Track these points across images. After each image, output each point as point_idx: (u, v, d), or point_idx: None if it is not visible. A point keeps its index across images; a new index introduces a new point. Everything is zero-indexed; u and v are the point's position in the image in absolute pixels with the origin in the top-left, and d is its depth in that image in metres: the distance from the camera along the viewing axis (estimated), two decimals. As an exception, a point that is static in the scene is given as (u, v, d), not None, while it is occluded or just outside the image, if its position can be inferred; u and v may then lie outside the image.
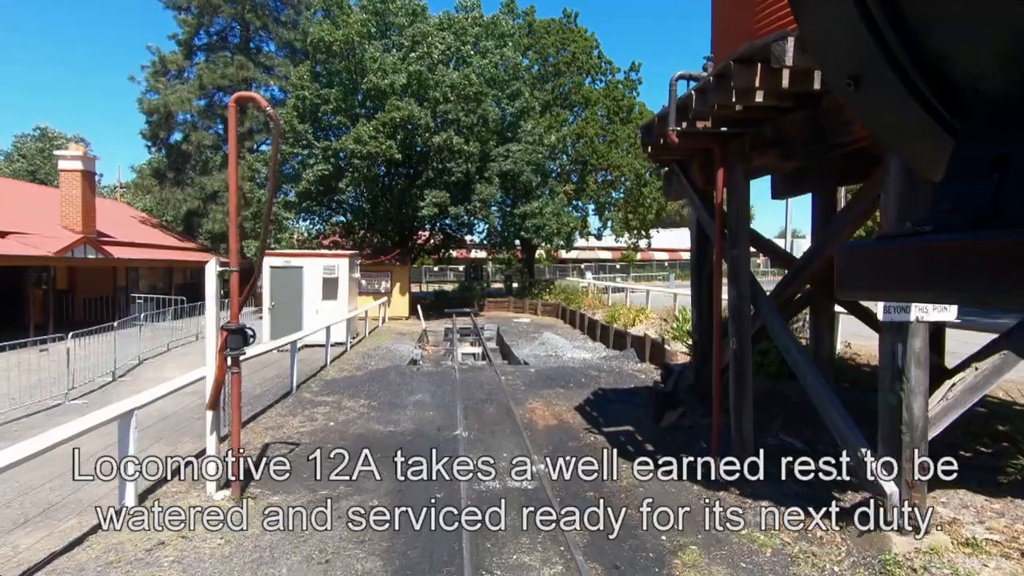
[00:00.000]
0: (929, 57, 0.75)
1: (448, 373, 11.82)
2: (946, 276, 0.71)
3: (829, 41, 0.85)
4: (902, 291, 0.86)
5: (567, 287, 28.09)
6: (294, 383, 10.11)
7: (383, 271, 24.57)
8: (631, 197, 31.94)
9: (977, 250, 0.66)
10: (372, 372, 11.74)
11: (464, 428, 7.58)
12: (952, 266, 0.70)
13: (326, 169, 23.29)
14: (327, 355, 12.94)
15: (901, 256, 0.77)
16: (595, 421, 7.99)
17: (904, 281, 0.77)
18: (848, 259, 0.86)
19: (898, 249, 0.78)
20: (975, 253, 0.67)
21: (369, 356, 14.36)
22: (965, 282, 0.68)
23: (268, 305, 16.02)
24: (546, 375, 11.48)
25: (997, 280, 0.63)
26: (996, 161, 0.68)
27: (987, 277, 0.65)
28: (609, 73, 33.51)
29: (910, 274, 0.75)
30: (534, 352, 16.15)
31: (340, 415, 8.41)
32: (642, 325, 17.55)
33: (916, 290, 0.81)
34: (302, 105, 23.87)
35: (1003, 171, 0.67)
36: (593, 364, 13.38)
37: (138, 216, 29.30)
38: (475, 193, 23.47)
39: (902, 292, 0.89)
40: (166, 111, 27.17)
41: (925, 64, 0.76)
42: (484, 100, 23.56)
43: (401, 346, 16.35)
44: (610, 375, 11.58)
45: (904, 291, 0.85)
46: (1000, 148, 0.68)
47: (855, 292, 0.89)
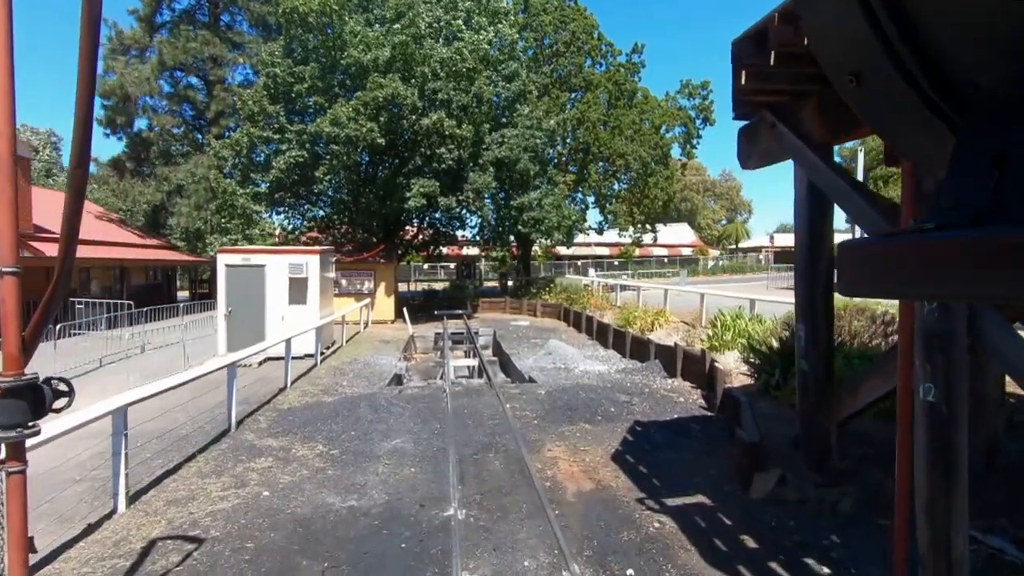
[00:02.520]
0: (930, 54, 0.77)
1: (437, 398, 9.38)
2: (948, 273, 0.70)
3: (832, 37, 0.85)
4: (904, 288, 0.83)
5: (568, 286, 25.69)
6: (233, 419, 7.64)
7: (365, 269, 22.04)
8: (635, 188, 29.60)
9: (978, 247, 0.65)
10: (341, 399, 9.26)
11: (460, 502, 5.14)
12: (953, 263, 0.69)
13: (300, 156, 20.73)
14: (288, 374, 10.45)
15: (903, 253, 0.78)
16: (648, 483, 5.58)
17: (906, 278, 0.77)
18: (849, 257, 0.85)
19: (900, 246, 0.79)
20: (976, 250, 0.65)
21: (342, 373, 11.87)
22: (967, 279, 0.67)
23: (224, 311, 13.50)
24: (561, 399, 9.07)
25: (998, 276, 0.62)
26: (996, 158, 0.69)
27: (988, 273, 0.64)
28: (610, 56, 31.16)
29: (912, 271, 0.76)
30: (539, 364, 13.73)
31: (283, 475, 5.95)
32: (663, 330, 15.20)
33: (918, 287, 0.78)
34: (273, 84, 21.26)
35: (1003, 168, 0.68)
36: (613, 381, 11.00)
37: (95, 211, 26.52)
38: (468, 182, 20.99)
39: (904, 289, 0.84)
40: (123, 93, 24.39)
41: (926, 61, 0.77)
42: (478, 78, 21.07)
43: (382, 358, 13.88)
44: (640, 399, 9.19)
45: (906, 288, 0.83)
46: (1000, 146, 0.70)
47: (857, 290, 0.89)
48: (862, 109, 0.89)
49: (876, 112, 0.89)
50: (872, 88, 0.83)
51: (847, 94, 0.87)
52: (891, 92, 0.81)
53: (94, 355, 13.09)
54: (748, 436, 5.28)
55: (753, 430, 5.47)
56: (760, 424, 6.00)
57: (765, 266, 53.34)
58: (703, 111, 31.60)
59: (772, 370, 7.35)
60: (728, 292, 14.98)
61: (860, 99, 0.87)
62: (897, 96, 0.81)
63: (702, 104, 31.80)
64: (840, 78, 0.86)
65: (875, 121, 0.92)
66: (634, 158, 27.69)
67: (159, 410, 7.96)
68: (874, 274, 0.83)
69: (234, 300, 13.61)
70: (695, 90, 31.93)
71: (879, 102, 0.86)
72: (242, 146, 20.88)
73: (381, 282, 22.23)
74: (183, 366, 12.10)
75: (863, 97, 0.86)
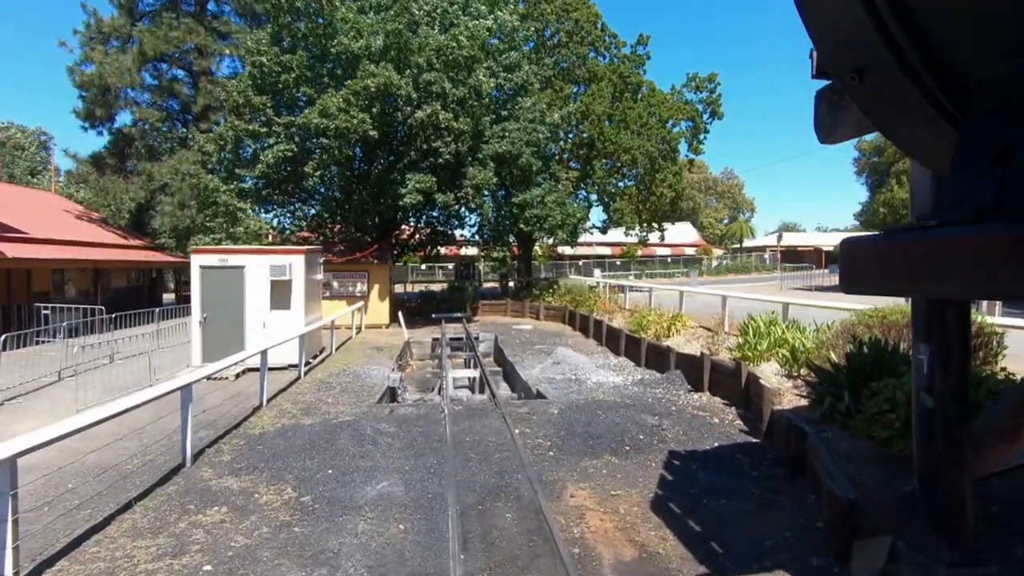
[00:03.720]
0: (933, 49, 0.75)
1: (434, 420, 8.11)
2: (950, 270, 0.69)
3: (834, 33, 0.84)
4: (907, 286, 0.78)
5: (572, 287, 24.40)
6: (188, 452, 6.36)
7: (358, 271, 20.75)
8: (642, 185, 28.34)
9: (980, 244, 0.64)
10: (322, 423, 7.98)
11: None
12: (956, 260, 0.68)
13: (289, 150, 19.42)
14: (263, 391, 9.18)
15: (906, 250, 0.77)
16: (705, 549, 4.31)
17: (909, 275, 0.77)
18: (852, 254, 0.85)
19: (903, 243, 0.78)
20: (978, 247, 0.65)
21: (328, 387, 10.59)
22: (969, 276, 0.66)
23: (198, 317, 12.22)
24: (578, 422, 7.82)
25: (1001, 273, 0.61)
26: (999, 155, 0.68)
27: (991, 271, 0.62)
28: (614, 47, 29.92)
29: (915, 268, 0.75)
30: (546, 374, 12.48)
31: (236, 535, 4.67)
32: (680, 336, 13.95)
33: (921, 284, 0.77)
34: (259, 74, 19.95)
35: (1006, 165, 0.67)
36: (632, 395, 9.76)
37: (75, 210, 25.19)
38: (467, 178, 19.69)
39: (907, 286, 0.81)
40: (103, 84, 23.07)
41: (929, 56, 0.76)
42: (477, 68, 19.79)
43: (374, 368, 12.60)
44: (670, 420, 7.94)
45: (909, 286, 0.80)
46: (1003, 142, 0.69)
47: (860, 287, 0.85)
48: (864, 105, 0.89)
49: (878, 108, 0.87)
50: (875, 84, 0.81)
51: (850, 90, 0.86)
52: (893, 88, 0.78)
53: (55, 366, 11.79)
54: (840, 490, 4.01)
55: (842, 480, 4.21)
56: (841, 466, 4.74)
57: (771, 266, 52.15)
58: (711, 104, 30.36)
59: (839, 392, 6.10)
60: (750, 294, 13.73)
61: (863, 95, 0.87)
62: (899, 92, 0.77)
63: (710, 98, 30.57)
64: (843, 74, 0.84)
65: (877, 117, 0.90)
66: (641, 153, 26.42)
67: (110, 436, 6.72)
68: (877, 271, 0.79)
69: (210, 305, 12.32)
70: (702, 83, 30.69)
71: (881, 98, 0.83)
72: (227, 140, 19.58)
73: (375, 284, 20.94)
74: (149, 379, 10.82)
75: (865, 93, 0.84)
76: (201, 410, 8.78)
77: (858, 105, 0.94)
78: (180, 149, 24.13)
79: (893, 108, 0.86)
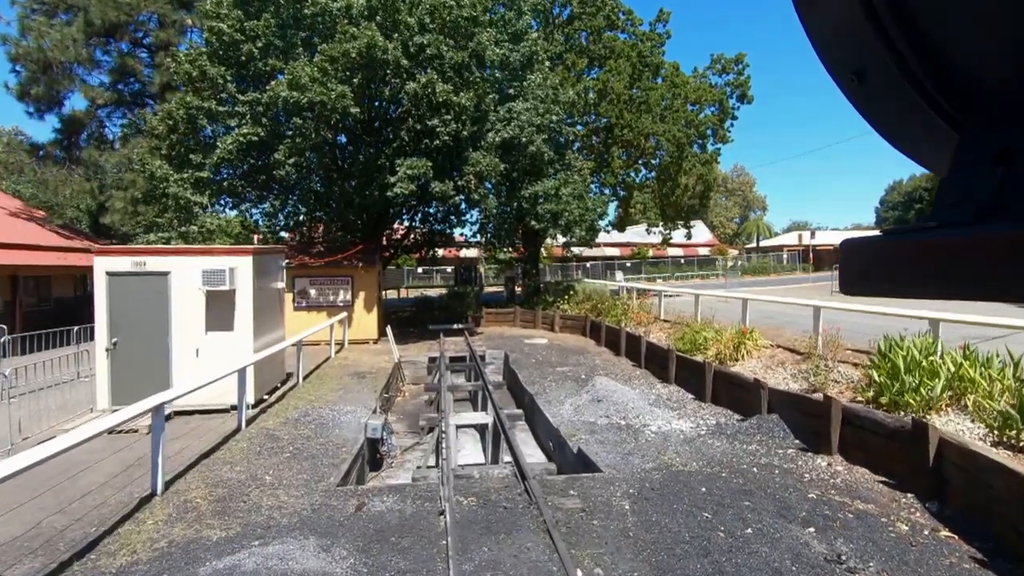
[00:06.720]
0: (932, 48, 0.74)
1: (426, 534, 4.79)
2: (950, 272, 0.69)
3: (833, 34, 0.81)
4: (907, 288, 0.77)
5: (593, 292, 21.06)
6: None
7: (340, 275, 17.40)
8: (665, 176, 25.04)
9: (981, 245, 0.65)
10: (235, 543, 4.64)
11: None
12: (956, 261, 0.68)
13: (254, 133, 16.08)
14: (158, 471, 5.83)
15: (905, 252, 0.75)
16: None
17: (908, 278, 0.74)
18: (850, 256, 0.82)
19: (902, 245, 0.76)
20: (979, 248, 0.65)
21: (276, 446, 7.25)
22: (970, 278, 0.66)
23: (105, 343, 8.88)
24: (671, 529, 4.52)
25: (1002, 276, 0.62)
26: (1000, 155, 0.67)
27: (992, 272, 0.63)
28: (629, 24, 26.67)
29: (915, 269, 0.73)
30: (583, 416, 9.17)
31: None
32: (754, 360, 10.64)
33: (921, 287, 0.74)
34: (218, 41, 16.61)
35: (1007, 165, 0.66)
36: (725, 461, 6.49)
37: (13, 206, 21.79)
38: (468, 164, 16.39)
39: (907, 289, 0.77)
40: (43, 59, 19.72)
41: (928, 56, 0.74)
42: (478, 32, 16.51)
43: (349, 408, 9.27)
44: (840, 538, 4.63)
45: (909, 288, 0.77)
46: (1004, 141, 0.67)
47: (858, 290, 0.82)
48: (864, 108, 0.84)
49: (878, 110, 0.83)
50: (874, 86, 0.78)
51: (850, 92, 0.82)
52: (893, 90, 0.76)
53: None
54: None
55: None
56: None
57: (790, 266, 48.95)
58: (739, 87, 27.13)
59: None
60: (847, 304, 10.46)
61: (862, 97, 0.82)
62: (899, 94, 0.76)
63: (737, 80, 27.34)
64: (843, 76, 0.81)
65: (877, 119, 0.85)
66: (667, 139, 23.13)
67: None
68: (876, 274, 0.78)
69: (122, 326, 8.99)
70: (729, 64, 27.47)
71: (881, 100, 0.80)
72: (176, 119, 16.23)
73: (361, 291, 17.60)
74: (10, 438, 7.48)
75: (866, 95, 0.81)
76: (56, 504, 5.46)
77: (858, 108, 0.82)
78: (136, 135, 20.76)
79: (893, 110, 0.79)
